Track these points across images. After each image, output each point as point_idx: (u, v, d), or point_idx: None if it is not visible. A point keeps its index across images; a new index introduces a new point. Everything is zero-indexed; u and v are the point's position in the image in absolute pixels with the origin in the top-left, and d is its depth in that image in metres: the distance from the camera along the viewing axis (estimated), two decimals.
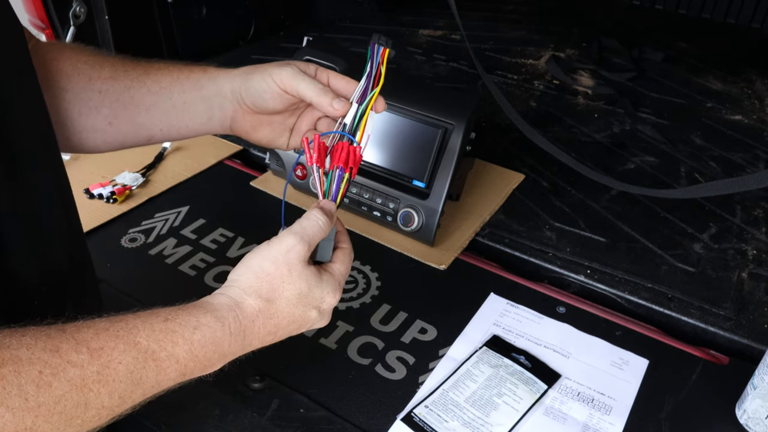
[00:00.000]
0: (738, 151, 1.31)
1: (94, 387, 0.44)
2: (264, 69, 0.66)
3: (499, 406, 0.75)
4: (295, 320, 0.58)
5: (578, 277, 0.97)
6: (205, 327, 0.52)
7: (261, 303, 0.55)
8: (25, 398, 0.40)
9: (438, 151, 0.97)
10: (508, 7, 2.07)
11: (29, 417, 0.40)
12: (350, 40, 1.71)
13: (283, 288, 0.56)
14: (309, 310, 0.58)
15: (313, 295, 0.58)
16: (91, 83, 0.67)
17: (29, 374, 0.41)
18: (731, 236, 1.06)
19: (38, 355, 0.42)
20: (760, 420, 0.72)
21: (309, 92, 0.63)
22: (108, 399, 0.45)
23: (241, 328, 0.54)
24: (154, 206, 1.07)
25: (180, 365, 0.50)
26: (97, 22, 1.32)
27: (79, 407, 0.43)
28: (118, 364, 0.46)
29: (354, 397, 0.76)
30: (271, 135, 0.71)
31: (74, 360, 0.43)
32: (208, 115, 0.70)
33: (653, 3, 2.08)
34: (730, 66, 1.68)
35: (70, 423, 0.43)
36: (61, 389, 0.42)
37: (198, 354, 0.51)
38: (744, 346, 0.86)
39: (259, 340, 0.57)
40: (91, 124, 0.68)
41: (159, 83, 0.69)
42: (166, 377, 0.50)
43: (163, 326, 0.50)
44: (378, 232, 1.02)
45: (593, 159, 1.26)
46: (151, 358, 0.48)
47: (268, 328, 0.56)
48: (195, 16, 1.53)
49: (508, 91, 1.53)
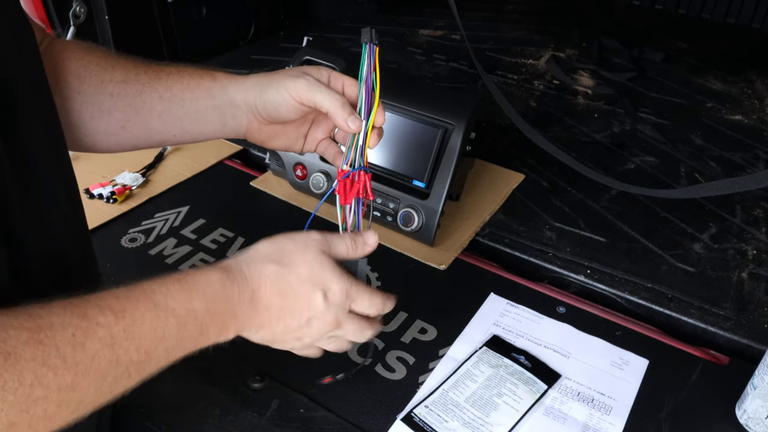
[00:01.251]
0: (738, 151, 1.31)
1: (123, 344, 0.47)
2: (279, 81, 0.66)
3: (499, 406, 0.75)
4: (300, 297, 0.58)
5: (578, 277, 0.97)
6: (216, 282, 0.55)
7: (272, 266, 0.58)
8: (63, 358, 0.43)
9: (438, 151, 0.97)
10: (508, 7, 2.07)
11: (69, 375, 0.44)
12: (350, 40, 1.71)
13: (297, 261, 0.58)
14: (316, 291, 0.58)
15: (324, 276, 0.59)
16: (103, 86, 0.67)
17: (64, 337, 0.44)
18: (731, 236, 1.06)
19: (69, 320, 0.45)
20: (760, 420, 0.72)
21: (326, 104, 0.63)
22: (135, 354, 0.48)
23: (248, 289, 0.56)
24: (154, 206, 1.07)
25: (198, 321, 0.53)
26: (97, 22, 1.32)
27: (111, 363, 0.47)
28: (142, 322, 0.49)
29: (354, 397, 0.76)
30: (286, 143, 0.73)
31: (102, 322, 0.47)
32: (222, 123, 0.70)
33: (653, 3, 2.08)
34: (730, 66, 1.68)
35: (104, 379, 0.47)
36: (94, 348, 0.45)
37: (212, 309, 0.54)
38: (744, 346, 0.86)
39: (265, 307, 0.58)
40: (103, 128, 0.68)
41: (170, 90, 0.69)
42: (186, 334, 0.53)
43: (178, 286, 0.53)
44: (378, 232, 1.02)
45: (593, 159, 1.26)
46: (172, 315, 0.51)
47: (273, 297, 0.57)
48: (195, 16, 1.53)
49: (508, 91, 1.53)
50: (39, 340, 0.43)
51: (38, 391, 0.42)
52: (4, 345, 0.41)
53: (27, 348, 0.42)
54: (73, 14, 1.26)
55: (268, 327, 0.59)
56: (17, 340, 0.42)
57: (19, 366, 0.41)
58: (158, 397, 0.75)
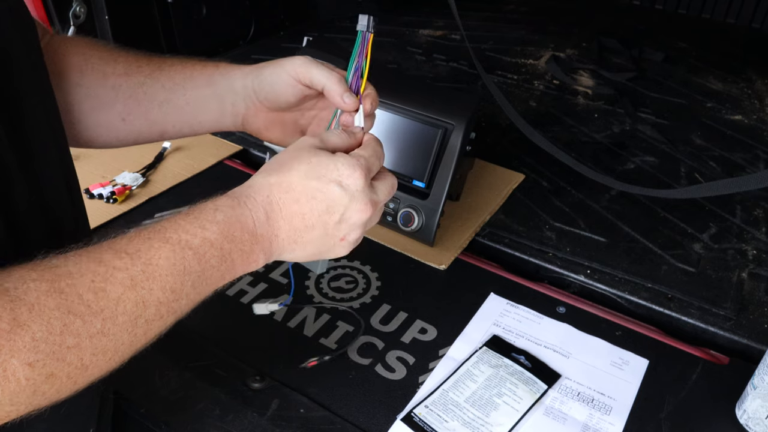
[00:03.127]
0: (738, 151, 1.31)
1: (145, 284, 0.47)
2: (276, 62, 0.67)
3: (499, 406, 0.75)
4: (315, 196, 0.55)
5: (578, 277, 0.97)
6: (224, 207, 0.53)
7: (271, 178, 0.56)
8: (87, 305, 0.43)
9: (438, 151, 0.97)
10: (508, 7, 2.07)
11: (97, 320, 0.43)
12: (350, 40, 1.70)
13: (292, 163, 0.56)
14: (327, 183, 0.55)
15: (326, 166, 0.55)
16: (105, 79, 0.67)
17: (83, 284, 0.44)
18: (731, 236, 1.06)
19: (86, 266, 0.45)
20: (760, 420, 0.72)
21: (323, 80, 0.63)
22: (161, 293, 0.48)
23: (258, 204, 0.54)
24: (154, 206, 1.07)
25: (216, 248, 0.51)
26: (97, 22, 1.32)
27: (138, 305, 0.46)
28: (158, 259, 0.48)
29: (354, 397, 0.76)
30: (282, 134, 0.72)
31: (118, 265, 0.46)
32: (220, 112, 0.70)
33: (653, 3, 2.08)
34: (730, 66, 1.69)
35: (136, 322, 0.46)
36: (116, 292, 0.45)
37: (228, 233, 0.52)
38: (744, 346, 0.86)
39: (286, 221, 0.55)
40: (104, 121, 0.68)
41: (172, 79, 0.69)
42: (208, 265, 0.51)
43: (186, 219, 0.51)
44: (378, 232, 1.02)
45: (593, 159, 1.26)
46: (188, 247, 0.49)
47: (289, 205, 0.55)
48: (195, 16, 1.53)
49: (508, 91, 1.53)
50: (60, 289, 0.42)
51: (69, 339, 0.42)
52: (26, 297, 0.41)
53: (49, 298, 0.42)
54: (73, 14, 1.26)
55: (303, 239, 0.56)
56: (38, 291, 0.41)
57: (45, 316, 0.41)
58: (158, 397, 0.75)
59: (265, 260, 0.56)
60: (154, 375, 0.77)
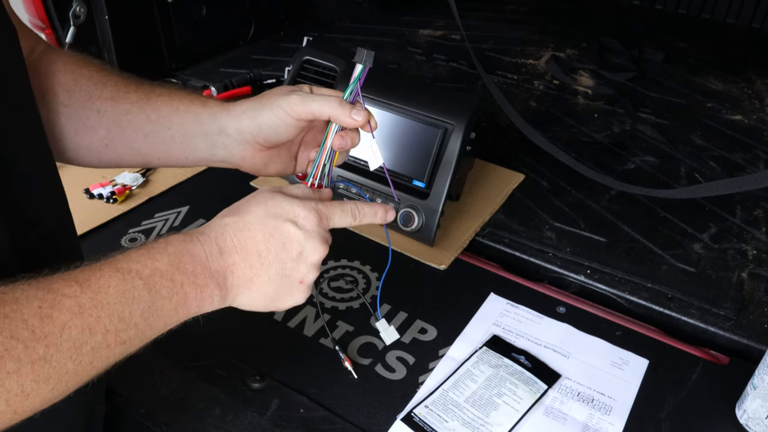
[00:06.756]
0: (738, 151, 1.31)
1: (93, 312, 0.46)
2: (271, 102, 0.65)
3: (499, 406, 0.75)
4: (272, 234, 0.56)
5: (578, 277, 0.97)
6: (175, 241, 0.54)
7: (227, 219, 0.57)
8: (32, 330, 0.43)
9: (438, 151, 0.97)
10: (508, 7, 2.07)
11: (40, 346, 0.43)
12: (350, 40, 1.71)
13: (249, 206, 0.58)
14: (283, 222, 0.57)
15: (281, 206, 0.57)
16: (91, 102, 0.66)
17: (30, 309, 0.43)
18: (731, 236, 1.06)
19: (34, 293, 0.45)
20: (760, 420, 0.72)
21: (325, 109, 0.63)
22: (108, 321, 0.47)
23: (212, 240, 0.55)
24: (154, 206, 1.07)
25: (166, 279, 0.51)
26: (97, 22, 1.32)
27: (84, 332, 0.46)
28: (108, 287, 0.48)
29: (354, 397, 0.76)
30: (281, 167, 0.72)
31: (68, 292, 0.46)
32: (210, 152, 0.69)
33: (653, 3, 2.08)
34: (730, 66, 1.69)
35: (81, 350, 0.46)
36: (62, 318, 0.45)
37: (179, 264, 0.52)
38: (744, 346, 0.86)
39: (241, 257, 0.56)
40: (86, 144, 0.67)
41: (158, 111, 0.67)
42: (159, 295, 0.51)
43: (137, 251, 0.52)
44: (378, 232, 1.02)
45: (593, 159, 1.26)
46: (138, 276, 0.50)
47: (244, 241, 0.56)
48: (195, 16, 1.53)
49: (508, 91, 1.53)
50: (5, 314, 0.42)
51: (10, 364, 0.41)
52: None
53: None
54: (73, 14, 1.26)
55: (260, 278, 0.57)
56: None
57: None
58: (158, 397, 0.75)
59: (221, 298, 0.55)
60: (154, 375, 0.77)
